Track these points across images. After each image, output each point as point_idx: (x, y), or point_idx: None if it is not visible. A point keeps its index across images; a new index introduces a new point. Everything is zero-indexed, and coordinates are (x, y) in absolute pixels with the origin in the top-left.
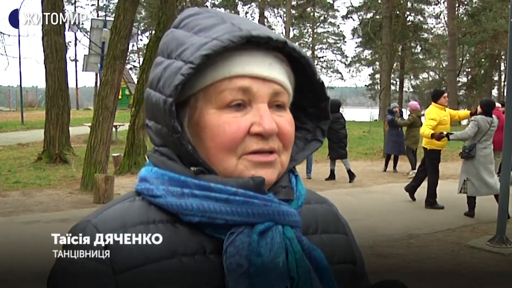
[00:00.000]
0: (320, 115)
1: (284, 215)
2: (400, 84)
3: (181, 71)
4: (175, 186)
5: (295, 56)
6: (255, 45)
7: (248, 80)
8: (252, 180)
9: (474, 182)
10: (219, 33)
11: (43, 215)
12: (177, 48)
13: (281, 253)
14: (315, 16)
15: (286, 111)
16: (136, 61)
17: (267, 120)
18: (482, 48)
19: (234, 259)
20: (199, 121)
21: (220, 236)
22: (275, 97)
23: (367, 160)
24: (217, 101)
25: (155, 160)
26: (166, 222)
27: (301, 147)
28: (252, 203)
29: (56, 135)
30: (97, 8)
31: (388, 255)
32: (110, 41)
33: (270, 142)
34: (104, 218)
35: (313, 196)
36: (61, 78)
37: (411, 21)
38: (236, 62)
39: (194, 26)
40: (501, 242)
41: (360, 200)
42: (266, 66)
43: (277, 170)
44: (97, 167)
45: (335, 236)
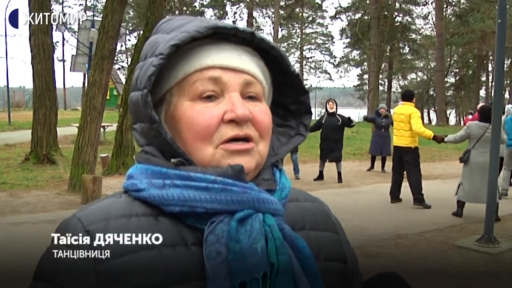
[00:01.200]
0: (301, 111)
1: (264, 203)
2: (388, 85)
3: (153, 63)
4: (157, 178)
5: (266, 48)
6: (223, 38)
7: (218, 70)
8: (231, 168)
9: (465, 187)
10: (187, 28)
11: (30, 216)
12: (151, 49)
13: (259, 239)
14: (304, 17)
15: (261, 102)
16: (124, 61)
17: (239, 106)
18: (470, 49)
19: (213, 247)
20: (174, 114)
21: (201, 226)
22: (247, 87)
23: (355, 161)
24: (189, 92)
25: (140, 159)
26: (148, 216)
27: (284, 142)
28: (231, 191)
29: (43, 135)
30: (85, 8)
31: (377, 255)
32: (98, 41)
33: (244, 129)
34: (88, 212)
35: (303, 195)
36: (48, 78)
37: (399, 21)
38: (205, 54)
39: (167, 29)
40: (489, 242)
41: (348, 200)
42: (235, 57)
43: (255, 159)
44: (85, 168)
45: (324, 233)
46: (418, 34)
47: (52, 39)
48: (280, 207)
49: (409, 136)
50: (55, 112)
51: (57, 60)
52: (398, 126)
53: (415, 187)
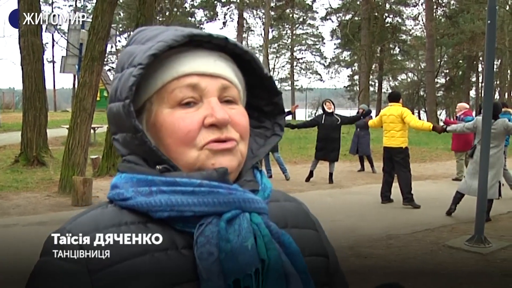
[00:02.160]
0: (275, 111)
1: (250, 202)
2: (378, 85)
3: (132, 73)
4: (143, 186)
5: (239, 53)
6: (198, 46)
7: (195, 77)
8: (215, 171)
9: (467, 180)
10: (163, 37)
11: (20, 218)
12: (128, 59)
13: (249, 237)
14: (294, 18)
15: (238, 105)
16: (114, 62)
17: (218, 110)
18: (460, 50)
19: (204, 248)
20: (155, 122)
21: (191, 230)
22: (224, 92)
23: (346, 161)
24: (169, 100)
25: (124, 168)
26: (137, 223)
27: (261, 144)
28: (217, 193)
29: (33, 137)
30: (74, 9)
31: (368, 255)
32: (88, 43)
33: (224, 132)
34: (77, 223)
35: (282, 195)
36: (38, 79)
37: (389, 22)
38: (182, 62)
39: (141, 39)
40: (479, 242)
41: (339, 201)
42: (211, 63)
43: (237, 158)
44: (75, 170)
45: (305, 231)
46: (408, 35)
47: (42, 40)
48: (264, 206)
49: (399, 137)
50: (45, 113)
51: (47, 61)
52: (389, 127)
53: (405, 187)
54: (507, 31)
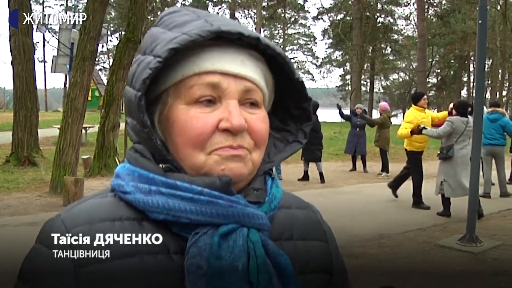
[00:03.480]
0: (302, 117)
1: (250, 217)
2: (370, 85)
3: (149, 65)
4: (144, 183)
5: (271, 54)
6: (227, 41)
7: (218, 76)
8: (219, 179)
9: (450, 183)
10: (189, 28)
11: (11, 219)
12: (151, 44)
13: (241, 257)
14: (286, 17)
15: (260, 109)
16: (105, 62)
17: (235, 116)
18: (452, 49)
19: (194, 260)
20: (168, 116)
21: (186, 235)
22: (247, 94)
23: (338, 161)
24: (186, 96)
25: (130, 157)
26: (132, 220)
27: (281, 148)
28: (216, 203)
29: (24, 137)
30: (66, 8)
31: (360, 255)
32: (79, 42)
33: (238, 139)
34: (73, 213)
35: (295, 201)
36: (29, 79)
37: (381, 22)
38: (206, 58)
39: (169, 23)
40: (471, 241)
41: (331, 200)
42: (237, 63)
43: (248, 167)
44: (67, 170)
45: (312, 243)
46: (400, 34)
47: (33, 39)
48: (266, 222)
49: (406, 139)
50: (36, 113)
51: (38, 61)
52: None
53: (413, 189)
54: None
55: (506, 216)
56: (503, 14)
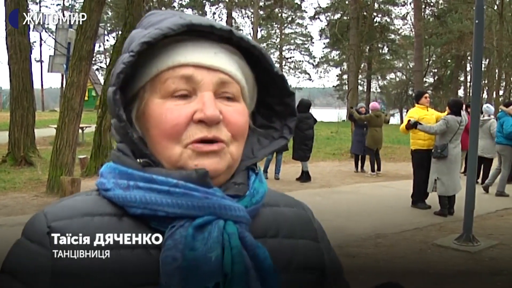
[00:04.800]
0: (286, 112)
1: (226, 209)
2: (367, 85)
3: (123, 60)
4: (123, 179)
5: (246, 46)
6: (200, 35)
7: (191, 68)
8: (195, 172)
9: (444, 181)
10: (162, 24)
11: (8, 219)
12: (129, 44)
13: (215, 248)
14: (283, 17)
15: (238, 102)
16: (102, 62)
17: (209, 106)
18: (448, 49)
19: (170, 252)
20: (144, 111)
21: (164, 229)
22: (222, 87)
23: (335, 161)
24: (161, 90)
25: (112, 156)
26: (112, 215)
27: (265, 144)
28: (192, 195)
29: (21, 137)
30: (62, 8)
31: (357, 254)
32: (76, 42)
33: (213, 131)
34: (56, 208)
35: (285, 200)
36: (25, 79)
37: (378, 22)
38: (179, 52)
39: (146, 23)
40: (468, 241)
41: (328, 200)
42: (211, 55)
43: (225, 161)
44: (63, 170)
45: (301, 241)
46: (397, 34)
47: (29, 39)
48: (244, 214)
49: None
50: (32, 113)
51: (35, 60)
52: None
53: (413, 188)
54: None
55: (503, 216)
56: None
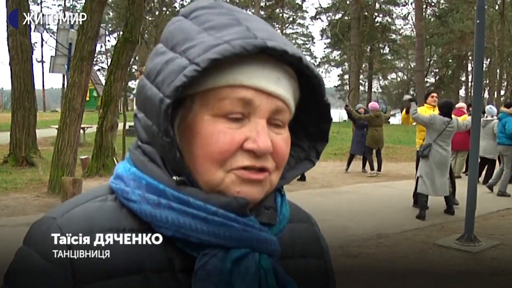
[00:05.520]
0: (318, 136)
1: (263, 243)
2: (368, 85)
3: (184, 71)
4: (152, 194)
5: (307, 74)
6: (267, 55)
7: (251, 92)
8: (235, 200)
9: (425, 180)
10: (231, 36)
11: (9, 219)
12: (184, 42)
13: (253, 287)
14: (284, 17)
15: (285, 129)
16: (104, 62)
17: (263, 138)
18: (449, 49)
19: (202, 284)
20: (191, 125)
21: (191, 252)
22: (276, 114)
23: (336, 161)
24: (214, 108)
25: (135, 159)
26: (136, 231)
27: (292, 165)
28: (231, 226)
29: (22, 137)
30: (63, 8)
31: (358, 254)
32: (77, 42)
33: (262, 161)
34: (70, 218)
35: (296, 214)
36: (27, 79)
37: (379, 22)
38: (242, 71)
39: (205, 21)
40: (469, 241)
41: (329, 200)
42: (274, 80)
43: (265, 190)
44: (65, 170)
45: (311, 260)
46: (398, 34)
47: (31, 40)
48: (278, 248)
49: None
50: (34, 113)
51: (36, 61)
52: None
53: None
54: (496, 30)
55: (505, 216)
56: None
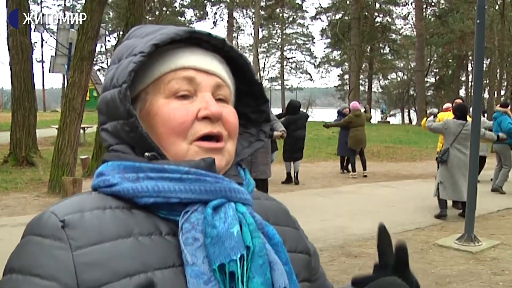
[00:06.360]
0: (261, 119)
1: (236, 192)
2: (369, 85)
3: (133, 60)
4: (131, 172)
5: (234, 56)
6: (196, 44)
7: (192, 71)
8: (203, 161)
9: (446, 186)
10: (165, 31)
11: (9, 219)
12: (127, 51)
13: (235, 224)
14: (284, 17)
15: (229, 104)
16: (104, 62)
17: (212, 104)
18: (450, 49)
19: (190, 233)
20: (149, 111)
21: (175, 218)
22: (218, 89)
23: (336, 161)
24: (165, 90)
25: (110, 157)
26: (122, 208)
27: (245, 146)
28: (204, 181)
29: (22, 137)
30: (64, 8)
31: (358, 254)
32: (77, 42)
33: (217, 126)
34: (61, 205)
35: (262, 195)
36: (27, 79)
37: (379, 22)
38: (181, 56)
39: (141, 33)
40: (469, 241)
41: (329, 200)
42: (208, 60)
43: (225, 158)
44: (65, 170)
45: (286, 228)
46: (398, 34)
47: (31, 39)
48: (249, 197)
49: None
50: (34, 113)
51: (36, 61)
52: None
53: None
54: (496, 30)
55: (505, 216)
56: (501, 13)
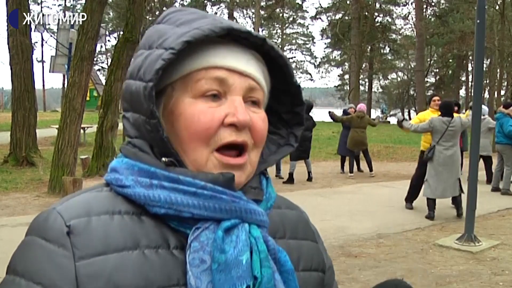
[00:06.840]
0: (293, 121)
1: (252, 213)
2: (369, 85)
3: (162, 56)
4: (144, 177)
5: (273, 56)
6: (234, 41)
7: (224, 71)
8: (222, 175)
9: (430, 184)
10: (201, 24)
11: (9, 219)
12: (159, 39)
13: (245, 251)
14: (284, 17)
15: (260, 108)
16: (104, 62)
17: (241, 111)
18: (450, 49)
19: (197, 254)
20: (173, 109)
21: (185, 230)
22: (250, 92)
23: (336, 161)
24: (193, 89)
25: (127, 152)
26: (131, 214)
27: (273, 150)
28: (220, 198)
29: (22, 137)
30: (64, 8)
31: (358, 254)
32: (77, 42)
33: (243, 135)
34: (68, 205)
35: (284, 202)
36: (27, 79)
37: (379, 22)
38: (214, 54)
39: (176, 20)
40: (469, 241)
41: (330, 200)
42: (243, 61)
43: (246, 173)
44: (65, 170)
45: (304, 242)
46: (398, 34)
47: (31, 39)
48: (266, 219)
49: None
50: (34, 113)
51: (36, 61)
52: None
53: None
54: (496, 30)
55: (505, 216)
56: (501, 13)
